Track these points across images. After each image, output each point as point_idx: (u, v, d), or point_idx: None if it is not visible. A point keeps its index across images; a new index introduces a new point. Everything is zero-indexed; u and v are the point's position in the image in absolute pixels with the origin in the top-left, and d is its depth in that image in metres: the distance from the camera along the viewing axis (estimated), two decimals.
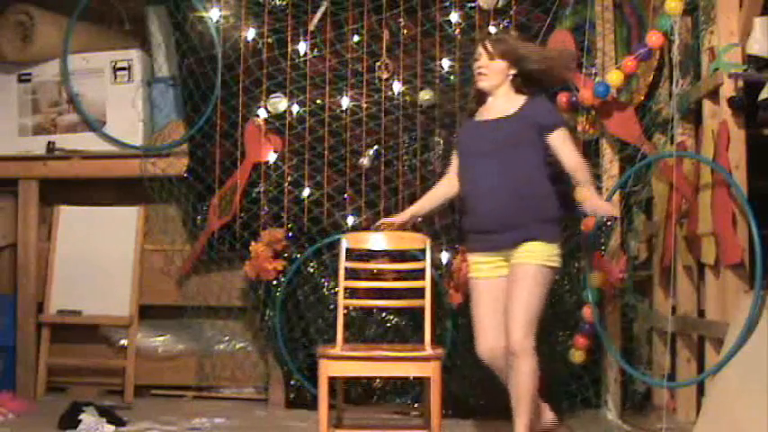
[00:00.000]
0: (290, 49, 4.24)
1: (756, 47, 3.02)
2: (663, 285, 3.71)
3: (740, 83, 3.01)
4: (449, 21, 4.18)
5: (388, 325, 4.07)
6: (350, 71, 4.22)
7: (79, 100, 4.50)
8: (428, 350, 3.17)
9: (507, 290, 3.01)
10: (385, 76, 4.20)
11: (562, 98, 3.77)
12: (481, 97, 3.25)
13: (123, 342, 4.43)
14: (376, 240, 3.51)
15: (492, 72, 3.17)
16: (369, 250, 3.58)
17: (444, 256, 4.01)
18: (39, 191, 4.52)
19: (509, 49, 3.19)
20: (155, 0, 4.51)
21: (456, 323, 3.90)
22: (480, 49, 3.22)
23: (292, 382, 4.16)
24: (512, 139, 3.08)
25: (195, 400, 4.32)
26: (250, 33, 4.26)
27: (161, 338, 4.45)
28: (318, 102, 4.23)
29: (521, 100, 3.15)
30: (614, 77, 3.54)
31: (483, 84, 3.19)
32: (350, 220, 4.15)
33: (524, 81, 3.19)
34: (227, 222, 4.24)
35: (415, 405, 3.98)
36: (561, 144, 3.10)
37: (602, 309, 3.76)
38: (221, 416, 3.91)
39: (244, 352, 4.37)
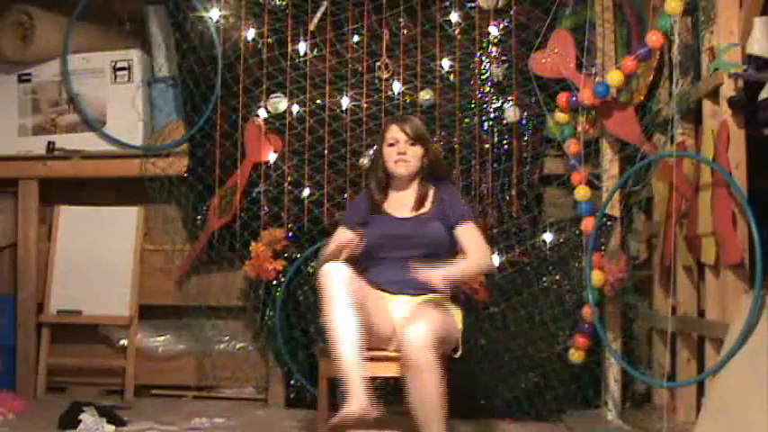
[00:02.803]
0: (290, 49, 4.24)
1: (756, 47, 3.01)
2: (663, 285, 3.71)
3: (740, 83, 3.00)
4: (449, 21, 4.18)
5: None
6: (350, 71, 4.22)
7: (79, 100, 4.50)
8: None
9: None
10: (385, 76, 4.20)
11: (562, 98, 3.78)
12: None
13: (123, 342, 4.42)
14: None
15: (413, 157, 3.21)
16: None
17: None
18: (39, 191, 4.52)
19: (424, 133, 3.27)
20: (155, 0, 4.51)
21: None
22: (399, 131, 3.21)
23: (292, 382, 4.17)
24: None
25: (195, 400, 4.32)
26: (250, 33, 4.26)
27: (161, 338, 4.45)
28: (318, 102, 4.23)
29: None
30: (614, 77, 3.54)
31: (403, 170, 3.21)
32: None
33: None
34: (227, 222, 4.24)
35: None
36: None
37: (602, 309, 3.77)
38: (221, 416, 3.91)
39: (244, 352, 4.37)
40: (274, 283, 4.12)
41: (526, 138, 4.13)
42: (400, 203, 3.23)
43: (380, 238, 3.15)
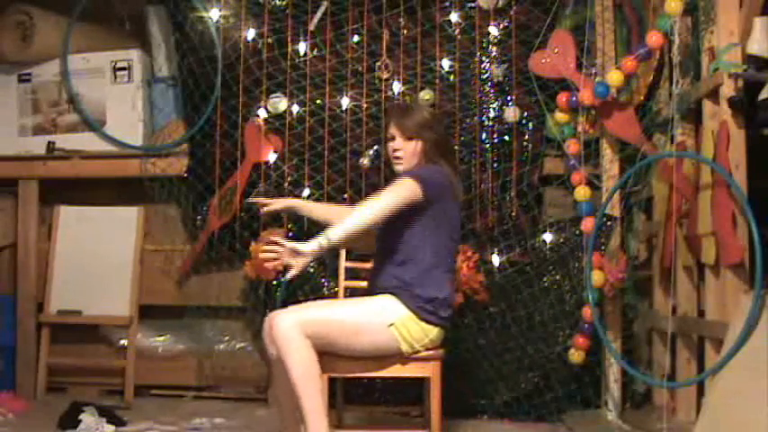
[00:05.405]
0: (290, 49, 4.24)
1: (756, 47, 3.01)
2: (663, 285, 3.71)
3: (740, 83, 3.00)
4: (449, 21, 4.18)
5: None
6: (350, 71, 4.22)
7: (79, 100, 4.50)
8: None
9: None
10: (385, 76, 4.20)
11: (562, 98, 3.78)
12: None
13: (123, 342, 4.43)
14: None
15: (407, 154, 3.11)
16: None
17: None
18: (39, 191, 4.52)
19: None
20: (155, 0, 4.51)
21: (456, 323, 3.90)
22: (395, 127, 3.12)
23: None
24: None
25: (195, 400, 4.32)
26: (250, 33, 4.26)
27: (161, 338, 4.45)
28: (318, 102, 4.23)
29: None
30: (614, 77, 3.54)
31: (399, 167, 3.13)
32: None
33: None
34: (227, 222, 4.24)
35: (415, 405, 3.98)
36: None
37: (602, 309, 3.77)
38: (221, 416, 3.91)
39: (244, 352, 4.37)
40: (274, 283, 4.12)
41: (526, 138, 4.13)
42: None
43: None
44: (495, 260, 4.01)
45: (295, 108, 4.24)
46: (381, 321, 2.93)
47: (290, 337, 2.78)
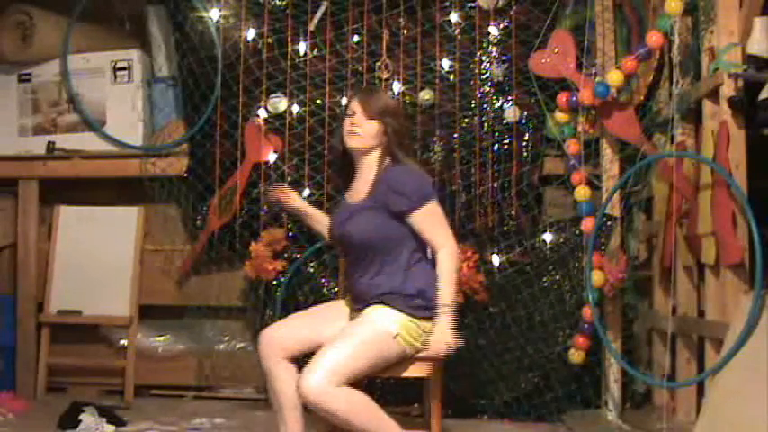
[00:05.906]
0: (290, 49, 4.24)
1: (756, 47, 3.02)
2: (663, 285, 3.71)
3: (740, 83, 3.01)
4: (449, 21, 4.18)
5: None
6: (350, 71, 4.22)
7: (79, 100, 4.50)
8: None
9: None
10: (385, 76, 4.20)
11: (562, 98, 3.78)
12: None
13: (123, 342, 4.43)
14: None
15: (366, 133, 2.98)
16: None
17: None
18: (39, 191, 4.52)
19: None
20: (155, 0, 4.51)
21: (456, 323, 3.90)
22: (358, 104, 2.99)
23: None
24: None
25: (195, 400, 4.32)
26: (250, 33, 4.26)
27: (161, 338, 4.45)
28: (318, 102, 4.23)
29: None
30: (614, 77, 3.54)
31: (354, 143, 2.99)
32: None
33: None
34: (227, 222, 4.24)
35: (415, 405, 3.98)
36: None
37: (602, 309, 3.77)
38: (221, 416, 3.91)
39: (244, 352, 4.37)
40: (274, 283, 4.12)
41: (526, 138, 4.13)
42: (357, 188, 3.04)
43: (330, 234, 3.13)
44: (495, 260, 4.00)
45: (295, 108, 4.24)
46: (388, 336, 2.89)
47: (325, 393, 2.71)
